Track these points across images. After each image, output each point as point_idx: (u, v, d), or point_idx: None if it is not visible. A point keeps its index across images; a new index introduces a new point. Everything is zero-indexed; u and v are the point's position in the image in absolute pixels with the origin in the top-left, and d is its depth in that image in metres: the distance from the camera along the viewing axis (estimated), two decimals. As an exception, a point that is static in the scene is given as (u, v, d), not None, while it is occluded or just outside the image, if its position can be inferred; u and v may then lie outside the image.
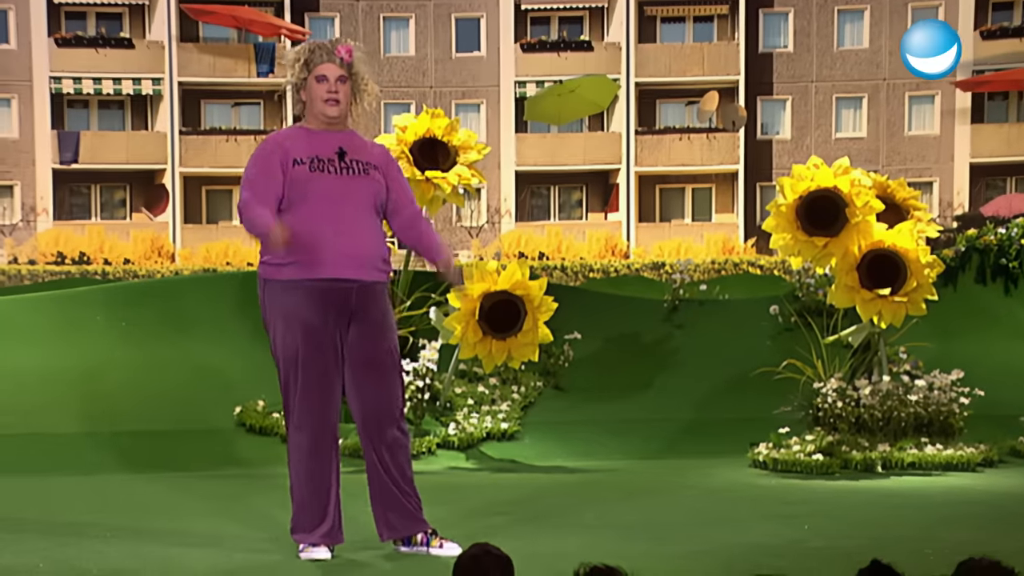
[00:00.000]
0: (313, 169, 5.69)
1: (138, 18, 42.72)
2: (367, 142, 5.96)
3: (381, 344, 5.84)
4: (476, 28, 43.76)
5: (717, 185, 43.86)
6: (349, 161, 5.75)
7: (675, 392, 11.24)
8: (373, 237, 5.76)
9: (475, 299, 9.68)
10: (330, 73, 5.76)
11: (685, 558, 5.95)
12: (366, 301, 5.76)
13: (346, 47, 5.81)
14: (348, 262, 5.67)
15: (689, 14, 44.14)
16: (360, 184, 5.73)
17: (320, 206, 5.67)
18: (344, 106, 5.80)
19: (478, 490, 8.48)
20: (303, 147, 5.75)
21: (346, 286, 5.69)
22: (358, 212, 5.71)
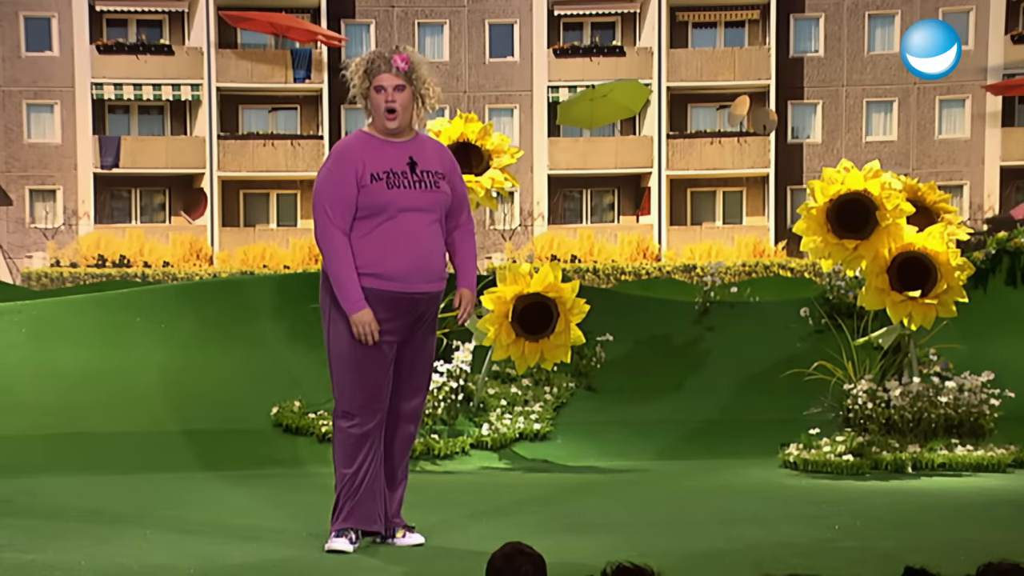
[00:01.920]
0: (391, 185, 5.81)
1: (178, 25, 43.05)
2: (434, 147, 6.11)
3: (428, 349, 6.14)
4: (510, 33, 43.87)
5: (748, 188, 43.79)
6: (421, 173, 5.87)
7: (706, 393, 11.27)
8: (440, 249, 5.97)
9: (508, 301, 9.77)
10: (387, 83, 5.86)
11: (715, 557, 6.02)
12: (429, 308, 6.01)
13: (402, 56, 5.90)
14: (421, 276, 5.87)
15: (720, 19, 44.10)
16: (432, 198, 5.88)
17: (397, 222, 5.81)
18: (404, 115, 5.90)
19: (511, 490, 8.56)
20: (378, 159, 5.86)
21: (417, 297, 5.90)
22: (430, 226, 5.87)
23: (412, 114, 5.94)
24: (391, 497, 6.23)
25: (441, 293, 6.05)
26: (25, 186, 42.88)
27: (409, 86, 5.90)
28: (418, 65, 5.95)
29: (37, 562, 5.88)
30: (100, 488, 8.51)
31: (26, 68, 42.10)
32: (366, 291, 5.82)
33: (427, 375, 6.22)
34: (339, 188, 5.83)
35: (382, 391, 5.99)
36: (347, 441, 6.02)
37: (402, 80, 5.87)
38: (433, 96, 6.00)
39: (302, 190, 43.24)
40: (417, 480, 8.98)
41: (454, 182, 6.04)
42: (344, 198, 5.81)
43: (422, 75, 5.94)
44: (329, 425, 10.03)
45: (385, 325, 5.87)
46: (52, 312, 11.69)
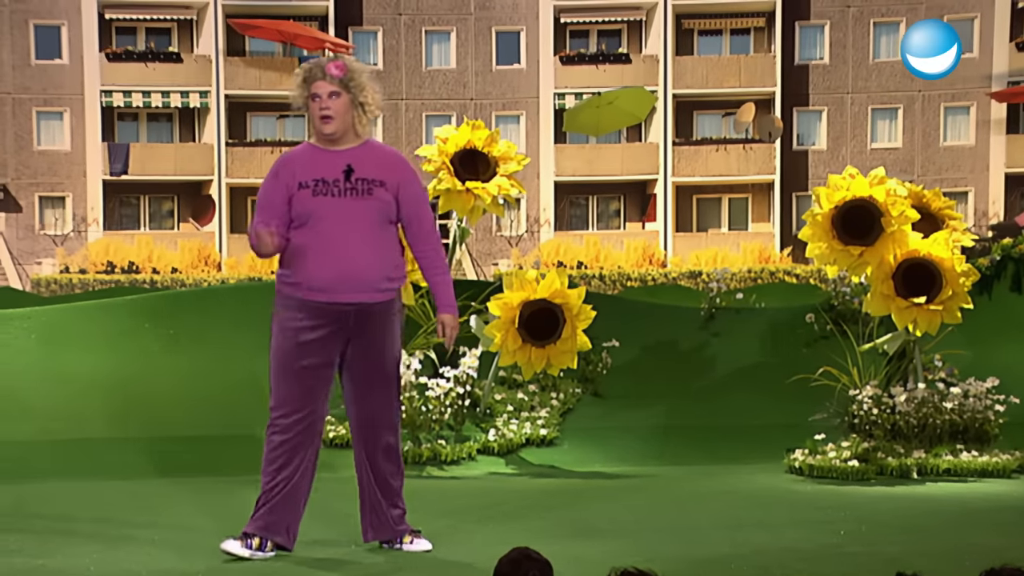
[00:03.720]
0: (316, 193, 5.77)
1: (186, 33, 43.16)
2: (380, 155, 5.96)
3: (379, 361, 5.98)
4: (516, 41, 43.92)
5: (753, 195, 43.81)
6: (355, 181, 5.80)
7: (712, 399, 11.30)
8: (376, 258, 5.83)
9: (515, 307, 9.81)
10: (322, 90, 5.85)
11: (720, 562, 6.04)
12: (364, 321, 5.87)
13: (337, 63, 5.89)
14: (346, 287, 5.78)
15: (726, 27, 44.15)
16: (363, 205, 5.78)
17: (322, 230, 5.77)
18: (340, 121, 5.84)
19: (517, 495, 8.59)
20: (312, 168, 5.84)
21: (344, 308, 5.81)
22: (360, 234, 5.78)
23: (352, 121, 5.87)
24: (386, 511, 6.21)
25: (379, 307, 5.88)
26: (35, 193, 42.99)
27: (346, 93, 5.85)
28: (355, 72, 5.91)
29: (47, 567, 5.92)
30: (108, 494, 8.54)
31: (36, 76, 42.22)
32: (293, 299, 5.88)
33: (380, 381, 5.99)
34: (269, 194, 5.90)
35: (306, 401, 5.95)
36: (267, 447, 6.09)
37: (337, 87, 5.84)
38: (373, 103, 5.92)
39: (309, 197, 43.25)
40: (424, 485, 9.05)
41: (401, 190, 5.92)
42: (271, 203, 5.87)
43: (360, 82, 5.89)
44: (336, 431, 10.11)
45: (312, 333, 5.86)
46: (61, 318, 11.73)
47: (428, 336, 10.72)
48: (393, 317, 6.01)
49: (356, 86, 5.87)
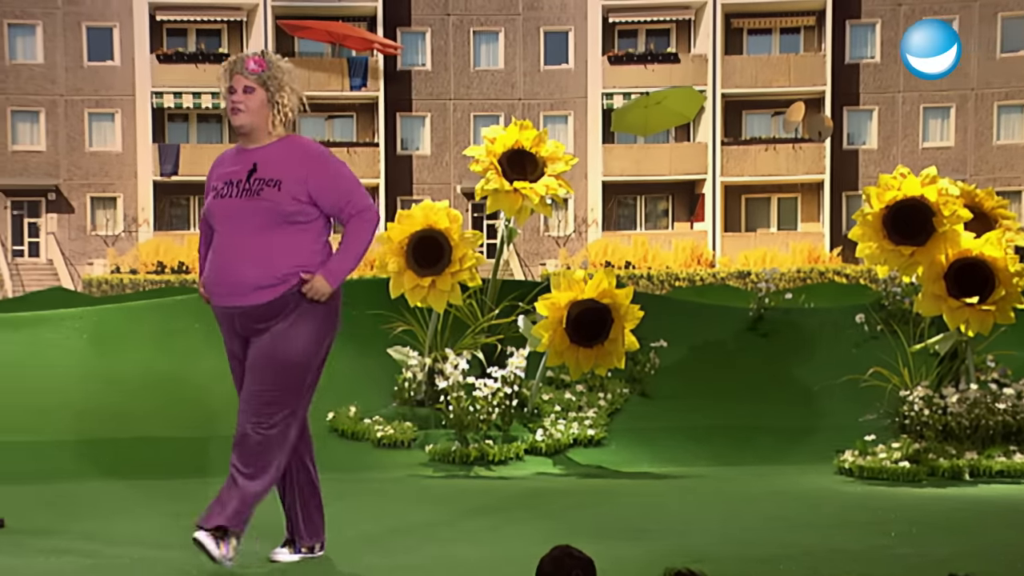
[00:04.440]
0: (217, 195, 5.71)
1: (236, 34, 43.47)
2: (288, 153, 5.73)
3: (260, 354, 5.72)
4: (564, 41, 43.93)
5: (803, 195, 43.60)
6: (253, 181, 5.65)
7: (760, 399, 11.24)
8: (261, 261, 5.61)
9: (562, 307, 9.80)
10: (237, 84, 5.74)
11: (769, 562, 6.01)
12: (252, 322, 5.70)
13: (256, 58, 5.76)
14: (226, 289, 5.69)
15: (776, 26, 43.96)
16: (250, 207, 5.61)
17: (219, 234, 5.72)
18: (251, 117, 5.70)
19: (565, 495, 8.58)
20: (224, 170, 5.78)
21: (230, 311, 5.74)
22: (244, 237, 5.62)
23: (266, 119, 5.72)
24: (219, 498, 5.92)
25: (263, 309, 5.65)
26: (87, 194, 43.45)
27: (261, 89, 5.71)
28: (274, 69, 5.75)
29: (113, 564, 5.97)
30: (160, 492, 8.60)
31: (88, 77, 42.67)
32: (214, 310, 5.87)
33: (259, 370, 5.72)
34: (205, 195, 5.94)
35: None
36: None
37: (252, 82, 5.71)
38: (288, 104, 5.75)
39: (358, 197, 43.44)
40: (471, 485, 9.06)
41: (310, 184, 5.64)
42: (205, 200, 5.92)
43: (279, 80, 5.74)
44: (384, 431, 10.14)
45: (229, 344, 5.88)
46: (112, 318, 11.83)
47: (475, 336, 10.74)
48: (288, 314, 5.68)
49: (274, 84, 5.72)
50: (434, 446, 9.99)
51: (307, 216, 5.66)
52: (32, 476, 9.07)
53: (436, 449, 9.95)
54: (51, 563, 5.86)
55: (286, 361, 5.70)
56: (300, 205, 5.62)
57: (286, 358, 5.70)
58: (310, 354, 5.75)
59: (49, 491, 8.59)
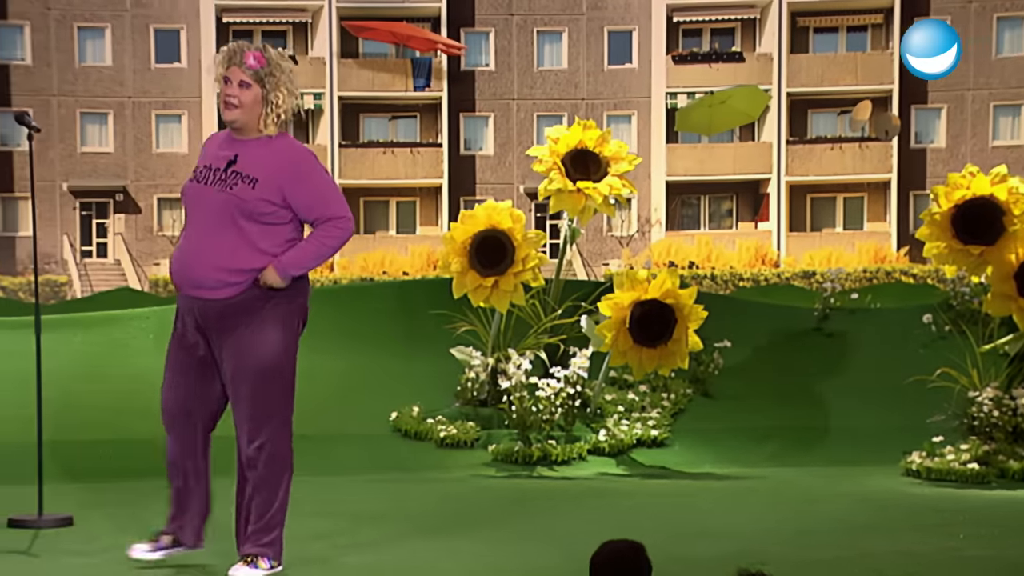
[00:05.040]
0: (193, 180, 5.61)
1: (301, 35, 43.79)
2: (277, 153, 5.62)
3: (240, 364, 5.55)
4: (628, 41, 43.85)
5: (869, 194, 43.22)
6: (231, 173, 5.54)
7: (825, 400, 11.16)
8: (223, 254, 5.48)
9: (626, 307, 9.77)
10: (233, 77, 5.59)
11: (834, 564, 5.96)
12: (216, 319, 5.55)
13: (255, 53, 5.61)
14: (188, 280, 5.55)
15: (842, 24, 43.62)
16: (221, 198, 5.49)
17: (187, 219, 5.64)
18: (245, 113, 5.58)
19: (628, 496, 8.56)
20: (208, 155, 5.69)
21: (192, 302, 5.58)
22: (209, 227, 5.51)
23: (259, 116, 5.60)
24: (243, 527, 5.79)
25: (228, 305, 5.50)
26: (153, 195, 43.95)
27: (258, 86, 5.58)
28: (273, 67, 5.61)
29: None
30: (219, 490, 8.64)
31: (155, 79, 43.15)
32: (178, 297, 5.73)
33: (244, 383, 5.56)
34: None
35: (180, 401, 5.69)
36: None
37: (249, 78, 5.57)
38: (282, 105, 5.62)
39: (421, 197, 43.65)
40: (534, 485, 9.06)
41: (287, 192, 5.52)
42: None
43: (277, 79, 5.61)
44: (447, 430, 10.15)
45: (184, 331, 5.65)
46: (170, 318, 11.91)
47: (538, 336, 10.73)
48: (256, 315, 5.54)
49: (271, 82, 5.60)
50: (497, 446, 10.00)
51: (279, 218, 5.53)
52: (107, 475, 9.17)
53: (499, 449, 9.96)
54: (120, 557, 5.91)
55: (263, 367, 5.55)
56: (272, 207, 5.50)
57: (263, 364, 5.55)
58: (282, 356, 5.60)
59: (124, 489, 8.69)
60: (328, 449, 10.07)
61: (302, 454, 9.80)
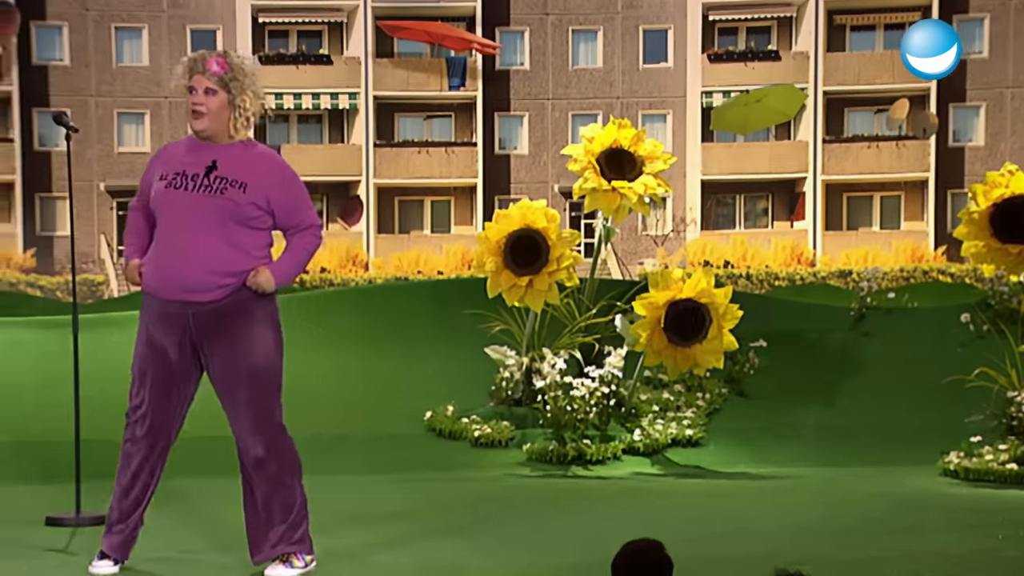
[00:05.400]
0: (169, 186, 5.56)
1: (337, 35, 43.91)
2: (256, 158, 5.64)
3: (236, 367, 5.56)
4: (664, 39, 43.75)
5: (906, 193, 42.97)
6: (213, 178, 5.53)
7: (862, 400, 11.10)
8: (214, 258, 5.49)
9: (660, 307, 9.74)
10: (198, 85, 5.60)
11: (870, 565, 5.92)
12: (209, 322, 5.54)
13: (218, 59, 5.62)
14: (176, 284, 5.51)
15: (880, 22, 43.36)
16: (211, 203, 5.49)
17: (168, 224, 5.56)
18: (212, 119, 5.59)
19: (663, 496, 8.53)
20: (176, 161, 5.64)
21: (182, 311, 5.52)
22: (199, 231, 5.49)
23: (227, 121, 5.60)
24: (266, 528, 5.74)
25: (223, 307, 5.50)
26: (190, 194, 44.10)
27: (223, 91, 5.59)
28: (236, 71, 5.62)
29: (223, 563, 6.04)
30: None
31: (191, 80, 43.35)
32: (149, 298, 5.63)
33: (241, 389, 5.56)
34: (142, 178, 5.79)
35: (152, 408, 5.65)
36: (120, 466, 5.77)
37: (214, 84, 5.58)
38: (249, 108, 5.63)
39: (456, 197, 43.69)
40: (569, 485, 9.05)
41: (271, 196, 5.56)
42: (142, 186, 5.76)
43: (241, 83, 5.61)
44: (481, 430, 10.15)
45: (162, 342, 5.59)
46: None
47: (573, 336, 10.72)
48: (249, 317, 5.57)
49: (236, 87, 5.60)
50: (531, 445, 9.99)
51: (262, 223, 5.57)
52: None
53: (533, 448, 9.95)
54: (155, 555, 5.94)
55: (260, 369, 5.58)
56: (259, 212, 5.53)
57: (257, 366, 5.58)
58: (276, 355, 5.65)
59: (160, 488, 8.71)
60: (363, 448, 10.10)
61: (337, 453, 9.92)
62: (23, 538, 6.63)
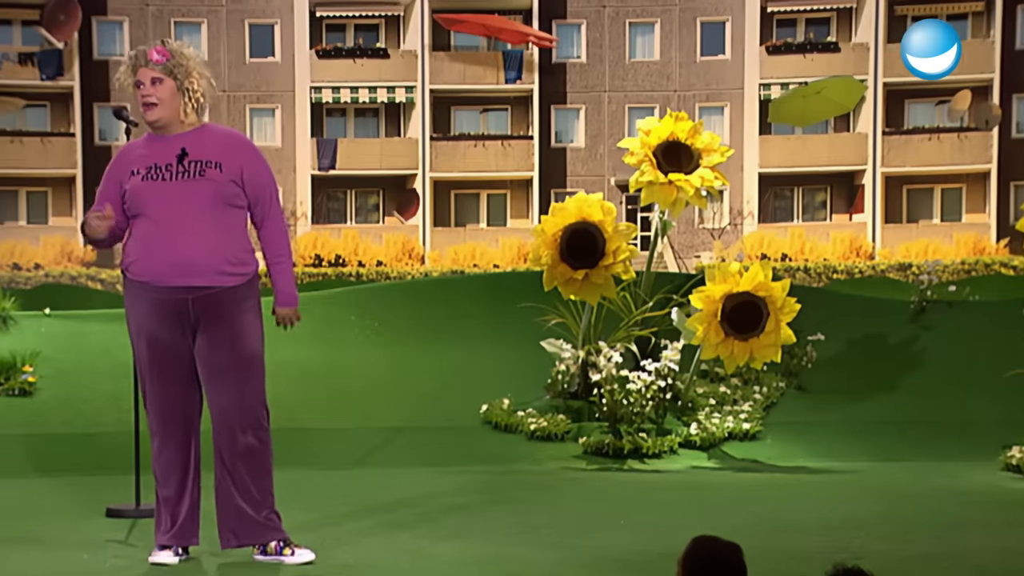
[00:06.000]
0: (146, 178, 5.58)
1: (393, 29, 44.00)
2: (218, 138, 5.71)
3: (232, 353, 5.61)
4: (721, 31, 43.49)
5: (968, 185, 42.46)
6: (188, 164, 5.57)
7: (922, 394, 10.99)
8: (211, 241, 5.55)
9: (717, 300, 9.70)
10: (144, 77, 5.64)
11: (932, 561, 5.86)
12: (209, 308, 5.57)
13: (158, 48, 5.66)
14: (177, 271, 5.52)
15: (942, 12, 42.83)
16: (194, 188, 5.53)
17: (155, 214, 5.56)
18: (164, 108, 5.63)
19: (720, 489, 8.49)
20: (144, 156, 5.66)
21: (181, 296, 5.54)
22: (192, 217, 5.52)
23: (179, 107, 5.64)
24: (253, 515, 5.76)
25: (224, 293, 5.57)
26: (247, 188, 44.35)
27: (170, 79, 5.63)
28: (179, 56, 5.66)
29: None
30: (314, 483, 8.73)
31: (250, 73, 43.60)
32: (138, 287, 5.65)
33: (231, 376, 5.61)
34: (104, 184, 5.77)
35: (170, 407, 5.70)
36: (154, 458, 5.81)
37: (159, 73, 5.62)
38: (199, 89, 5.67)
39: (512, 190, 43.67)
40: (625, 479, 9.03)
41: (244, 171, 5.63)
42: (104, 193, 5.74)
43: (186, 67, 5.65)
44: (537, 423, 10.15)
45: (159, 332, 5.62)
46: (270, 309, 12.03)
47: (629, 329, 10.69)
48: (243, 306, 5.63)
49: (181, 71, 5.64)
50: (587, 439, 9.97)
51: (241, 202, 5.64)
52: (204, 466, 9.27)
53: (589, 442, 9.93)
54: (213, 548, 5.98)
55: (251, 357, 5.65)
56: (236, 188, 5.60)
57: (249, 354, 5.64)
58: (261, 344, 5.74)
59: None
60: (419, 441, 10.13)
61: (393, 445, 9.96)
62: (84, 529, 6.71)
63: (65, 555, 5.96)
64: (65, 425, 10.07)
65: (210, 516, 5.84)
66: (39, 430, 9.93)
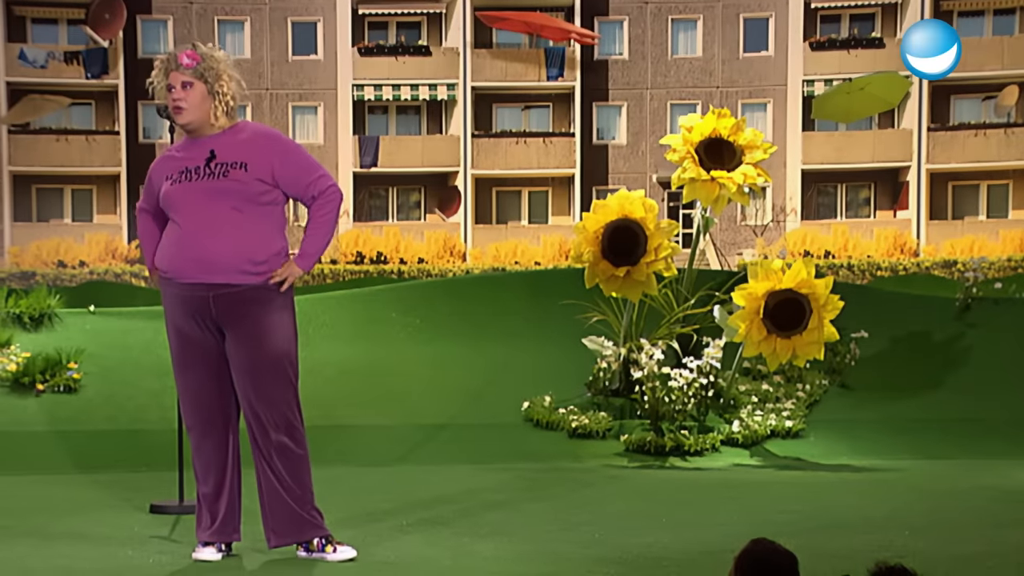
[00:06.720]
0: (175, 183, 5.68)
1: (435, 26, 44.07)
2: (251, 136, 5.77)
3: (258, 351, 5.65)
4: (764, 27, 43.29)
5: (1015, 181, 42.09)
6: (214, 166, 5.65)
7: (967, 391, 10.90)
8: (234, 240, 5.61)
9: (760, 297, 9.65)
10: (175, 81, 5.71)
11: (977, 560, 5.81)
12: (231, 307, 5.63)
13: (188, 52, 5.72)
14: (199, 268, 5.59)
15: (988, 6, 42.48)
16: (218, 188, 5.60)
17: (182, 215, 5.65)
18: (195, 111, 5.71)
19: (763, 487, 8.45)
20: (177, 161, 5.76)
21: (202, 292, 5.61)
22: (216, 217, 5.59)
23: (210, 110, 5.71)
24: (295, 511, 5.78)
25: (248, 291, 5.62)
26: (291, 186, 44.53)
27: (200, 82, 5.69)
28: (209, 60, 5.72)
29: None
30: (354, 480, 8.75)
31: (292, 71, 43.80)
32: (167, 284, 5.73)
33: (262, 375, 5.67)
34: (147, 184, 5.92)
35: (203, 403, 5.77)
36: (193, 455, 5.87)
37: (190, 77, 5.69)
38: (228, 92, 5.73)
39: (554, 187, 43.64)
40: (668, 476, 9.00)
41: (276, 169, 5.66)
42: (148, 192, 5.90)
43: (216, 70, 5.70)
44: (579, 420, 10.13)
45: (187, 328, 5.70)
46: (313, 307, 12.10)
47: (671, 326, 10.66)
48: (270, 304, 5.68)
49: (211, 74, 5.70)
50: (629, 436, 9.95)
51: (272, 199, 5.68)
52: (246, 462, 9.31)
53: (631, 439, 9.91)
54: (256, 544, 6.01)
55: (280, 355, 5.69)
56: (265, 187, 5.65)
57: (278, 352, 5.68)
58: (294, 341, 5.77)
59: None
60: (461, 438, 10.14)
61: (435, 442, 9.97)
62: (128, 525, 6.75)
63: (109, 551, 6.01)
64: (109, 422, 10.14)
65: (256, 513, 5.86)
66: (84, 427, 10.01)
